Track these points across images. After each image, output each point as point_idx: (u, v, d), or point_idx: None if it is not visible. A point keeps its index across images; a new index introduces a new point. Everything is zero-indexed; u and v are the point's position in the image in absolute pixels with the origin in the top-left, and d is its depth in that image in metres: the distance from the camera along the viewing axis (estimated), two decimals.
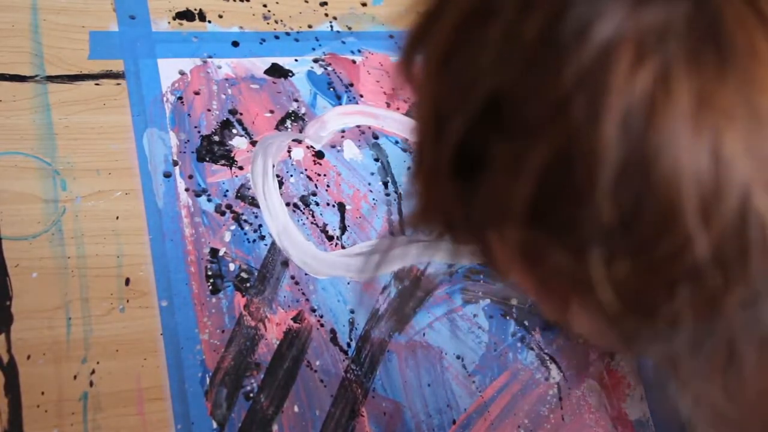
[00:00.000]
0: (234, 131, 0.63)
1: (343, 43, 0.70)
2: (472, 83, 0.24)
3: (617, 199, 0.21)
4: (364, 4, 0.73)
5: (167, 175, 0.60)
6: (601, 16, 0.21)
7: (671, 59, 0.20)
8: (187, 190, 0.60)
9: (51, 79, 0.60)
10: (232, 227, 0.60)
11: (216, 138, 0.62)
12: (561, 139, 0.21)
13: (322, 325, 0.59)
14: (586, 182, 0.21)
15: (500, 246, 0.27)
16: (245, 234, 0.60)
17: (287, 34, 0.69)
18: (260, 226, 0.61)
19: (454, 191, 0.26)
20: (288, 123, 0.65)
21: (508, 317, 0.64)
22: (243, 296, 0.58)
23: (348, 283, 0.61)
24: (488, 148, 0.24)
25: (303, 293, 0.60)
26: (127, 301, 0.55)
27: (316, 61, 0.69)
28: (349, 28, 0.71)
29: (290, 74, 0.67)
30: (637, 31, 0.20)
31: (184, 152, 0.61)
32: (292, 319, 0.59)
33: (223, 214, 0.60)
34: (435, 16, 0.26)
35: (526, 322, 0.65)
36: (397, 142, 0.68)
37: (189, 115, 0.62)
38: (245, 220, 0.60)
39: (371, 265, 0.62)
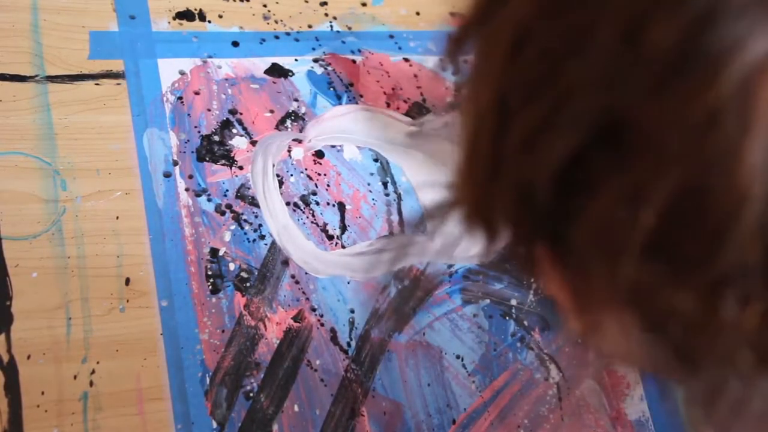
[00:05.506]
0: (234, 131, 0.63)
1: (343, 43, 0.70)
2: (569, 93, 0.21)
3: (762, 236, 0.19)
4: (364, 4, 0.73)
5: (167, 175, 0.60)
6: (753, 33, 0.18)
7: None
8: (187, 189, 0.60)
9: (51, 79, 0.60)
10: (232, 227, 0.60)
11: (216, 138, 0.62)
12: (697, 167, 0.19)
13: (322, 325, 0.59)
14: (726, 217, 0.19)
15: (547, 258, 0.26)
16: (245, 234, 0.60)
17: (287, 34, 0.69)
18: (260, 225, 0.61)
19: (524, 208, 0.24)
20: (288, 123, 0.65)
21: (508, 317, 0.65)
22: (243, 296, 0.58)
23: (348, 283, 0.61)
24: (593, 170, 0.21)
25: (303, 292, 0.60)
26: (127, 301, 0.55)
27: (316, 60, 0.69)
28: (349, 28, 0.71)
29: (290, 74, 0.67)
30: None
31: (184, 152, 0.61)
32: (292, 318, 0.59)
33: (223, 213, 0.60)
34: None
35: (526, 322, 0.65)
36: None
37: (189, 115, 0.62)
38: (245, 220, 0.60)
39: (385, 261, 0.61)
